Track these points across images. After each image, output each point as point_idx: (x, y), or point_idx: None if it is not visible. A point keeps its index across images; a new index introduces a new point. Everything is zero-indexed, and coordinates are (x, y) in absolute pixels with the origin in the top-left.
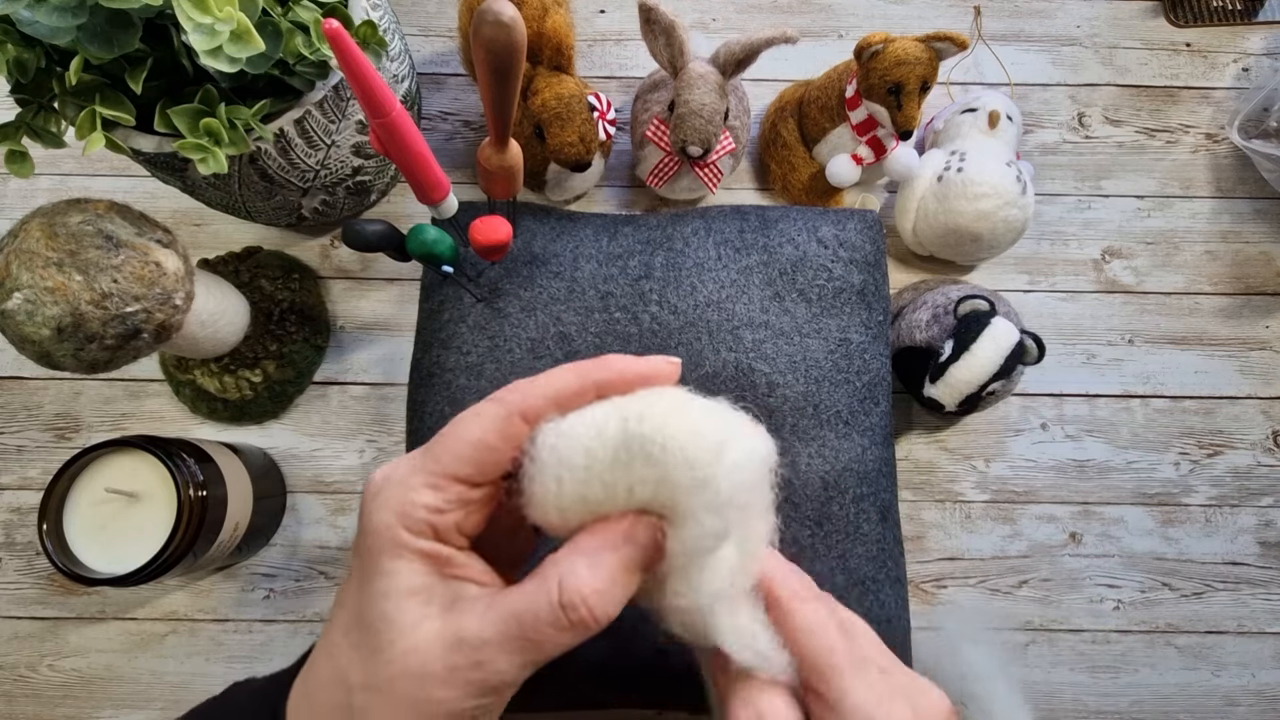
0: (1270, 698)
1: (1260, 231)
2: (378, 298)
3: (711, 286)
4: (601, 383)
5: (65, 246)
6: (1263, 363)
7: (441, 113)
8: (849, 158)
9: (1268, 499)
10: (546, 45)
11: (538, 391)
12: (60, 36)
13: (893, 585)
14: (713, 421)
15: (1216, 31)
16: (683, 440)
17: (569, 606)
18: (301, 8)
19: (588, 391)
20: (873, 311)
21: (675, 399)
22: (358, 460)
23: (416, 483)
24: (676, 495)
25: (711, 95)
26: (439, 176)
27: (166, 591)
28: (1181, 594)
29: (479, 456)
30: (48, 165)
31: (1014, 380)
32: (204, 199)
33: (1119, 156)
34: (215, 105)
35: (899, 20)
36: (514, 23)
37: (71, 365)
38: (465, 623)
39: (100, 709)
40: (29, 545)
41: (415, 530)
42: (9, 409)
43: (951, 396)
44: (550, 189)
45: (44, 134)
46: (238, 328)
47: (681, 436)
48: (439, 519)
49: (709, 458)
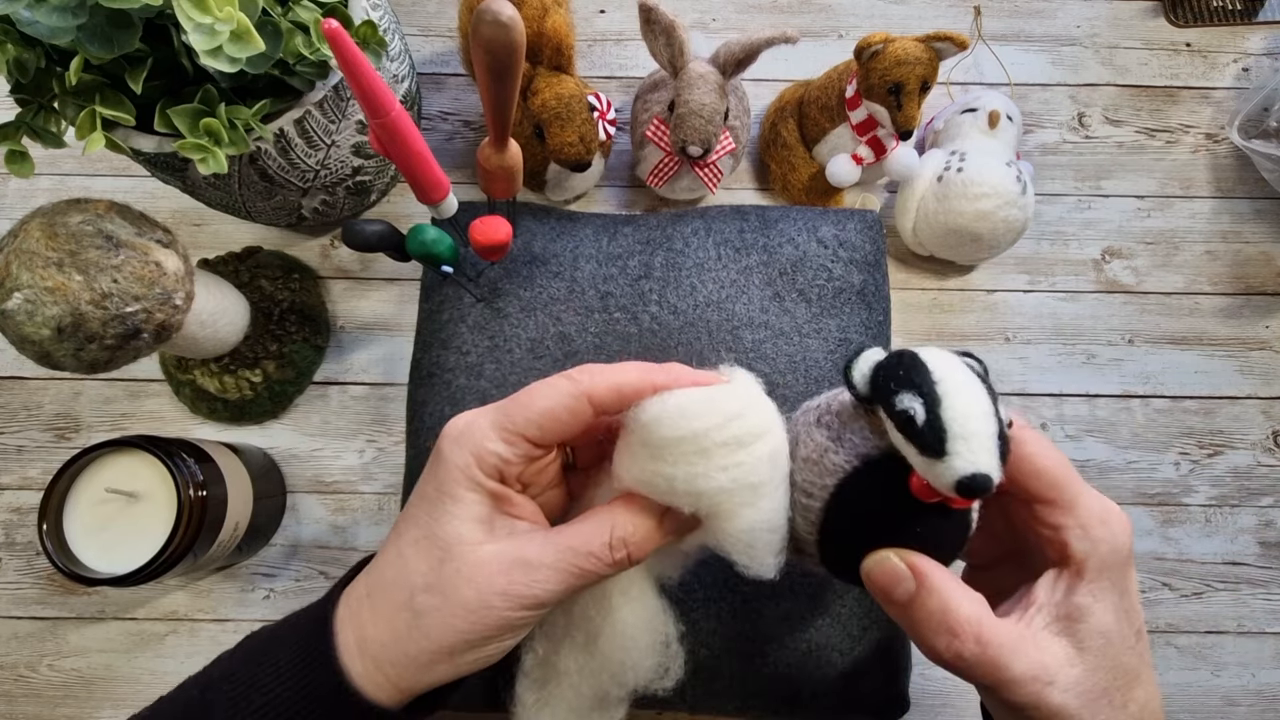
0: (1270, 698)
1: (1260, 231)
2: (378, 298)
3: (711, 286)
4: (660, 386)
5: (65, 246)
6: (1263, 363)
7: (441, 113)
8: (849, 158)
9: (1268, 499)
10: (546, 45)
11: (606, 380)
12: (60, 36)
13: None
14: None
15: (1216, 31)
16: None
17: (615, 546)
18: (301, 8)
19: (647, 390)
20: (873, 311)
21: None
22: (358, 460)
23: (493, 434)
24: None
25: (711, 95)
26: (439, 176)
27: (166, 591)
28: (1181, 594)
29: (545, 424)
30: (48, 165)
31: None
32: (204, 199)
33: (1119, 156)
34: (215, 105)
35: (899, 20)
36: (513, 22)
37: (71, 365)
38: (526, 548)
39: (100, 709)
40: (29, 545)
41: (487, 472)
42: (9, 409)
43: (985, 450)
44: (550, 189)
45: (44, 134)
46: (238, 328)
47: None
48: (506, 468)
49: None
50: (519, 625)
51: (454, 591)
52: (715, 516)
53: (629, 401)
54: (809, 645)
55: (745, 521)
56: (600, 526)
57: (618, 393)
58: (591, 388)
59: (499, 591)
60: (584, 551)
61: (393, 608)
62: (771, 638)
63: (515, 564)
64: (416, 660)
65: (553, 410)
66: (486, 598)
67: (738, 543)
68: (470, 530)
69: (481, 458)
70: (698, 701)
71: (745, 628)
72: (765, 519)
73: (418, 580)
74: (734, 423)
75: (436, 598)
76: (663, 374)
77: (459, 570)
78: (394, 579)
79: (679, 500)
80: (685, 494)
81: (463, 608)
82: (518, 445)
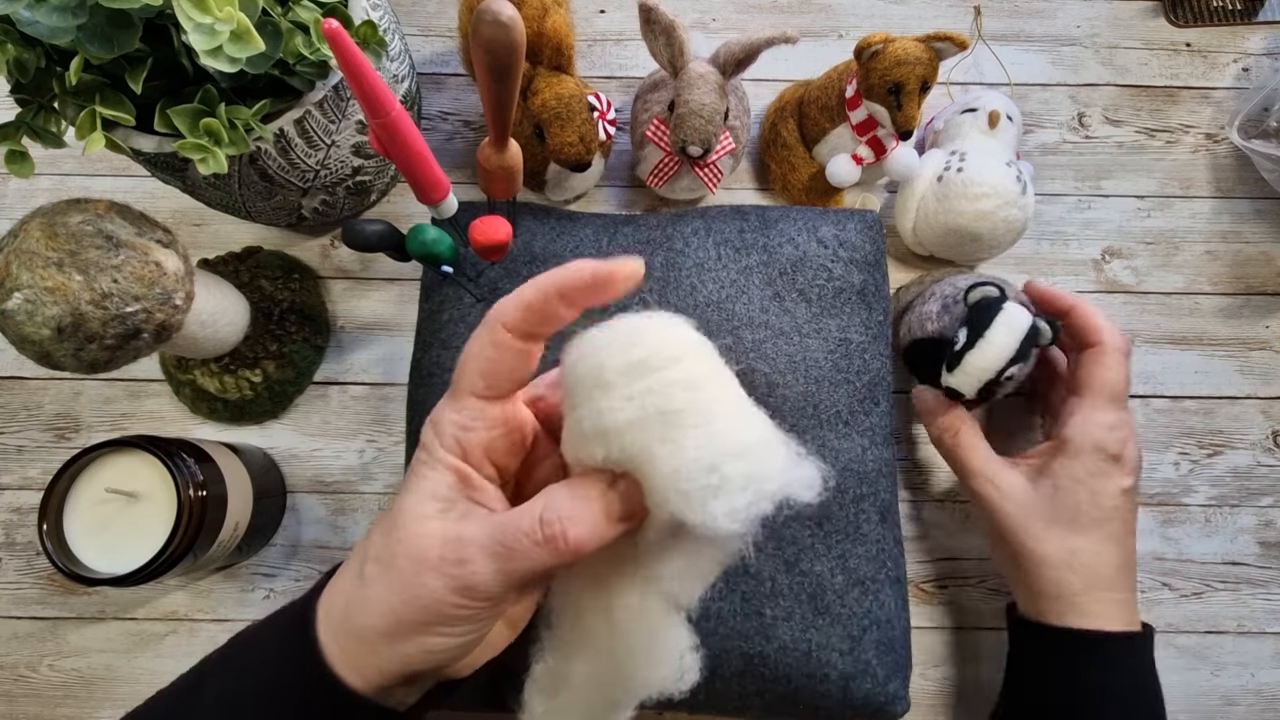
0: (1270, 697)
1: (1260, 231)
2: (378, 298)
3: (711, 286)
4: (563, 286)
5: (65, 246)
6: (1263, 363)
7: (441, 113)
8: (849, 158)
9: (1268, 499)
10: (546, 45)
11: (511, 302)
12: (60, 36)
13: (893, 585)
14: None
15: (1216, 31)
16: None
17: (546, 523)
18: (301, 8)
19: (550, 294)
20: (873, 311)
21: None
22: (358, 460)
23: (446, 406)
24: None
25: (711, 95)
26: (439, 176)
27: (166, 591)
28: (1181, 594)
29: (480, 367)
30: (48, 165)
31: (1030, 364)
32: (204, 199)
33: (1119, 156)
34: (215, 105)
35: (899, 20)
36: (513, 22)
37: (71, 365)
38: (465, 527)
39: (100, 709)
40: (29, 545)
41: (446, 446)
42: (9, 409)
43: (970, 384)
44: (550, 189)
45: (44, 134)
46: (238, 328)
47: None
48: (465, 435)
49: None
50: (460, 617)
51: (393, 561)
52: (637, 465)
53: (542, 315)
54: (809, 645)
55: (667, 462)
56: (533, 504)
57: (525, 309)
58: (501, 315)
59: (432, 566)
60: (512, 529)
61: (349, 576)
62: (771, 638)
63: (450, 540)
64: (362, 635)
65: (480, 354)
66: (420, 574)
67: (669, 490)
68: (423, 505)
69: (440, 430)
70: (697, 702)
71: (745, 627)
72: (694, 456)
73: (370, 551)
74: (634, 348)
75: (378, 567)
76: (561, 272)
77: (400, 540)
78: (356, 551)
79: (593, 449)
80: (596, 439)
81: (399, 580)
82: (467, 405)
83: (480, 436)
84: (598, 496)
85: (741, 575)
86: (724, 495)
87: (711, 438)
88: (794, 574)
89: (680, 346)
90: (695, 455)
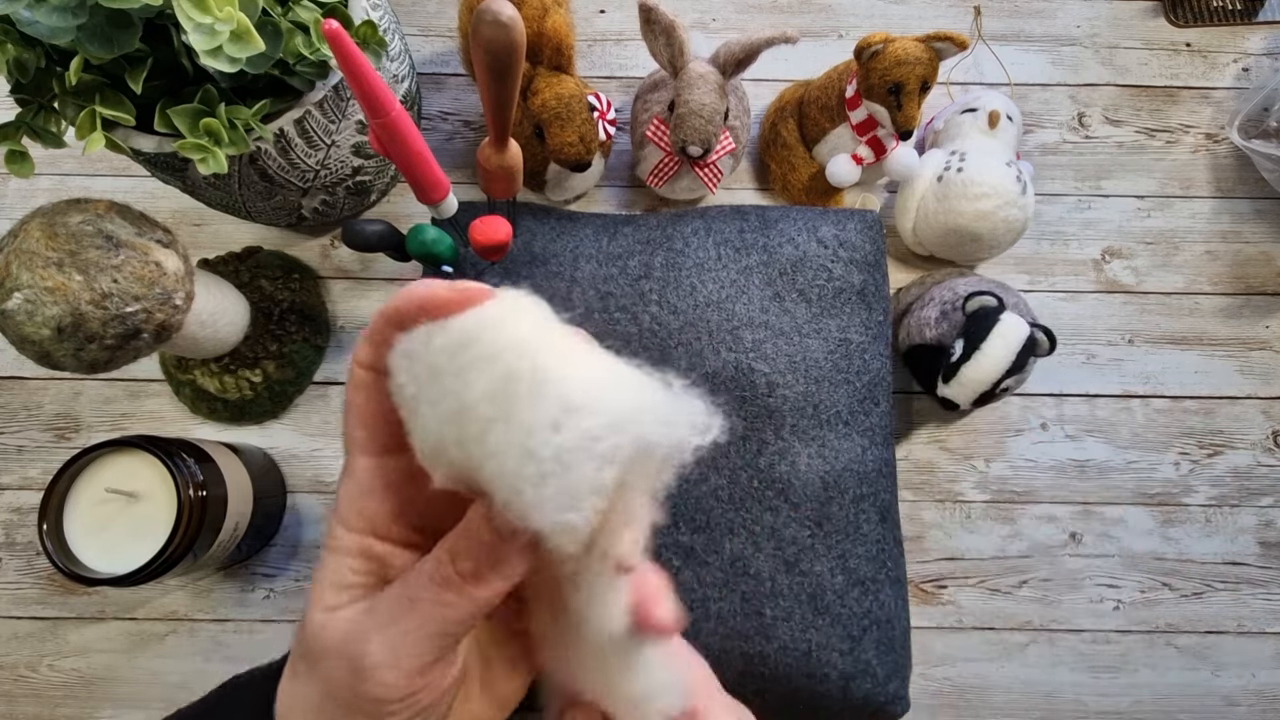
0: (1270, 698)
1: (1260, 231)
2: (378, 298)
3: (711, 286)
4: (399, 311)
5: (65, 246)
6: (1263, 363)
7: (441, 113)
8: (849, 158)
9: (1268, 499)
10: (546, 45)
11: (361, 338)
12: (60, 36)
13: (893, 585)
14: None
15: (1216, 31)
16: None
17: (442, 560)
18: (301, 8)
19: (389, 321)
20: (873, 311)
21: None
22: None
23: (342, 474)
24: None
25: (711, 95)
26: (439, 176)
27: (166, 591)
28: (1181, 594)
29: (355, 418)
30: (48, 165)
31: (1027, 373)
32: (204, 199)
33: (1119, 156)
34: (215, 105)
35: (899, 20)
36: (513, 22)
37: (71, 365)
38: (370, 618)
39: (100, 709)
40: (29, 545)
41: (346, 523)
42: (9, 409)
43: (965, 396)
44: (550, 189)
45: (44, 134)
46: (238, 328)
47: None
48: (366, 505)
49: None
50: (387, 700)
51: (311, 658)
52: (472, 474)
53: (388, 345)
54: (809, 645)
55: (485, 446)
56: (439, 548)
57: (369, 342)
58: (358, 354)
59: (336, 659)
60: (422, 577)
61: (288, 673)
62: (771, 638)
63: (354, 637)
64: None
65: (350, 402)
66: (332, 669)
67: (500, 478)
68: (327, 597)
69: (339, 506)
70: None
71: (745, 627)
72: (522, 432)
73: (297, 646)
74: (435, 338)
75: (304, 664)
76: (399, 299)
77: (313, 636)
78: (295, 639)
79: (428, 459)
80: (419, 441)
81: (316, 676)
82: (360, 468)
83: (383, 503)
84: (480, 518)
85: (741, 575)
86: (553, 478)
87: (522, 435)
88: (794, 574)
89: (473, 330)
90: (526, 428)
